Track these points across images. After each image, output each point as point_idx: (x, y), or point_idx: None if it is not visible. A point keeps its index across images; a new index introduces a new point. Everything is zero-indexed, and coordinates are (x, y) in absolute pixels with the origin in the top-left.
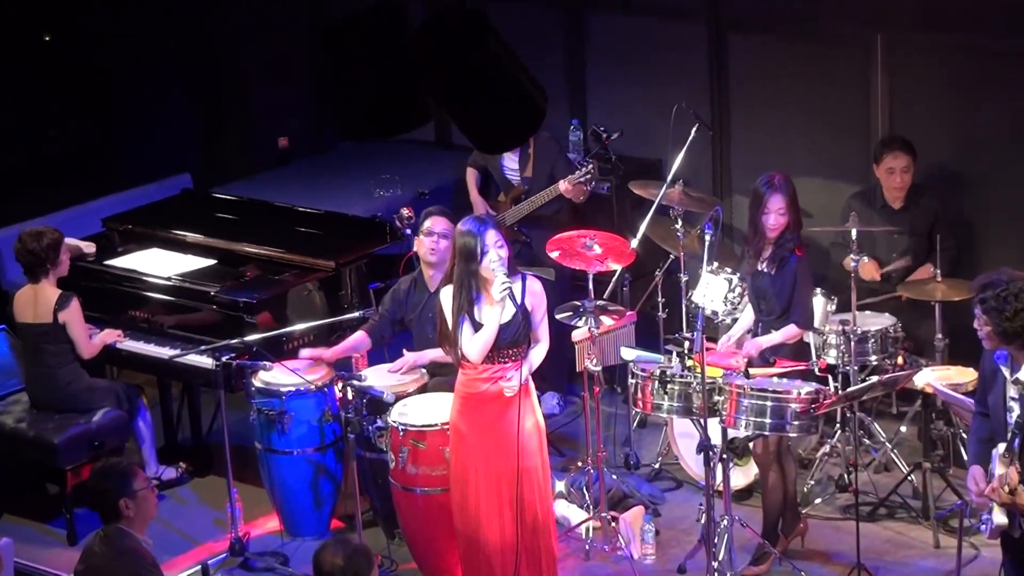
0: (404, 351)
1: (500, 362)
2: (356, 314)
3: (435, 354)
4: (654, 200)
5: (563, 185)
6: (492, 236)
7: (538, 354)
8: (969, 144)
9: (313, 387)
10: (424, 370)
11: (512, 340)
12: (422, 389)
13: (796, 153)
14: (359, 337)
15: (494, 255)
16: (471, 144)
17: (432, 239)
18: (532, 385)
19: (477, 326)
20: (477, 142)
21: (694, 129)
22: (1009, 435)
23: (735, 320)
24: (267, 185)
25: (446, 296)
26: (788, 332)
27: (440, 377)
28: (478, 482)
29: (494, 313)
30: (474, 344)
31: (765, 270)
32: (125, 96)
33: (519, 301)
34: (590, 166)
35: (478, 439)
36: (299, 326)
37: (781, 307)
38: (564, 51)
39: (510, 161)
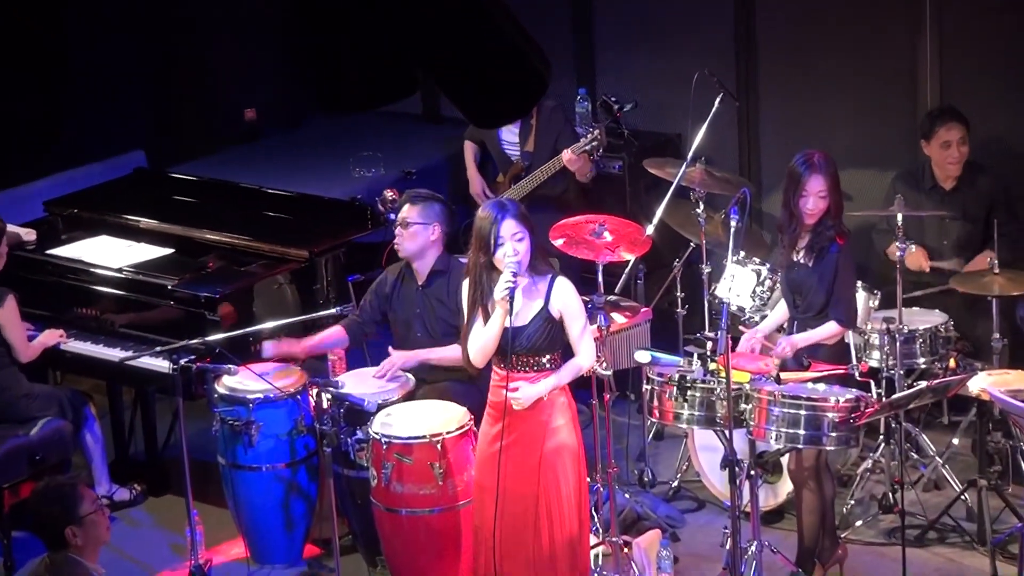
0: (390, 349)
1: (519, 371)
2: (333, 311)
3: (427, 355)
4: (672, 181)
5: (566, 155)
6: (510, 226)
7: (571, 367)
8: None
9: (284, 394)
10: (409, 375)
11: (530, 347)
12: (408, 396)
13: (834, 127)
14: (335, 332)
15: (509, 248)
16: (463, 118)
17: (397, 228)
18: (566, 400)
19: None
20: (470, 115)
21: (718, 100)
22: None
23: (764, 318)
24: (231, 163)
25: (465, 289)
26: (828, 331)
27: (430, 384)
28: (500, 500)
29: (498, 311)
30: (473, 343)
31: (802, 261)
32: (69, 63)
33: (538, 310)
34: (596, 131)
35: (502, 453)
36: (268, 324)
37: (820, 302)
38: (570, 10)
39: (509, 134)
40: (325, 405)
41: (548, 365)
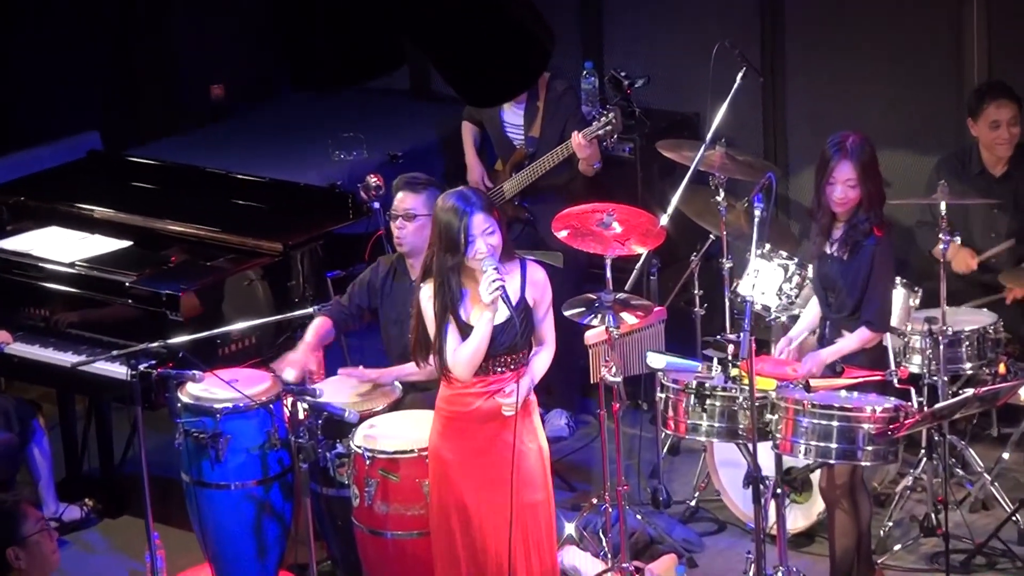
0: (361, 369)
1: (496, 373)
2: (310, 310)
3: (401, 371)
4: (689, 165)
5: (576, 138)
6: (480, 221)
7: (542, 361)
8: None
9: (255, 403)
10: (397, 383)
11: (511, 345)
12: (394, 406)
13: (869, 105)
14: (322, 325)
15: (482, 245)
16: (456, 95)
17: (397, 221)
18: (535, 401)
19: (465, 331)
20: (463, 92)
21: (740, 74)
22: None
23: (792, 319)
24: (196, 145)
25: (425, 294)
26: (860, 338)
27: (419, 392)
28: (467, 524)
29: (486, 315)
30: (462, 355)
31: (835, 253)
32: (14, 35)
33: (516, 300)
34: (611, 115)
35: (467, 470)
36: (238, 325)
37: (854, 301)
38: None
39: (513, 115)
40: (301, 415)
41: (524, 361)
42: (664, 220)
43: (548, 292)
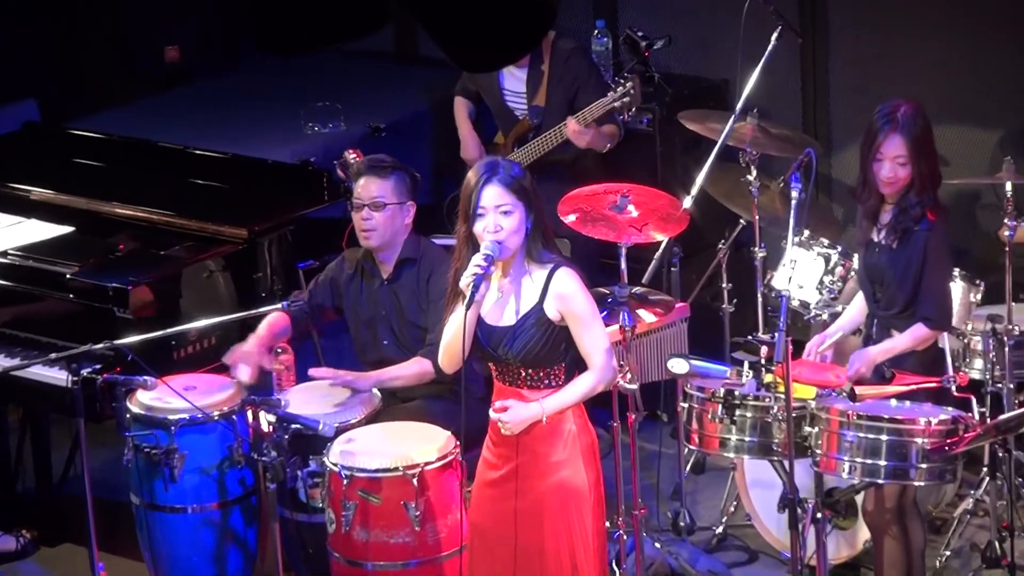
0: (335, 371)
1: (519, 385)
2: (279, 306)
3: (382, 376)
4: (716, 139)
5: (571, 124)
6: (495, 194)
7: (581, 385)
8: None
9: (215, 414)
10: (375, 391)
11: (524, 357)
12: (375, 417)
13: (924, 71)
14: (274, 321)
15: (490, 222)
16: (448, 60)
17: (363, 211)
18: (575, 428)
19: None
20: (455, 56)
21: (775, 35)
22: None
23: (835, 316)
24: (148, 116)
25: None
26: (913, 336)
27: (403, 401)
28: (495, 547)
29: (487, 302)
30: (443, 342)
31: (883, 241)
32: None
33: (529, 308)
34: (628, 84)
35: (499, 484)
36: (196, 324)
37: (905, 296)
38: None
39: (514, 82)
40: (267, 428)
41: (547, 381)
42: (687, 203)
43: (583, 307)
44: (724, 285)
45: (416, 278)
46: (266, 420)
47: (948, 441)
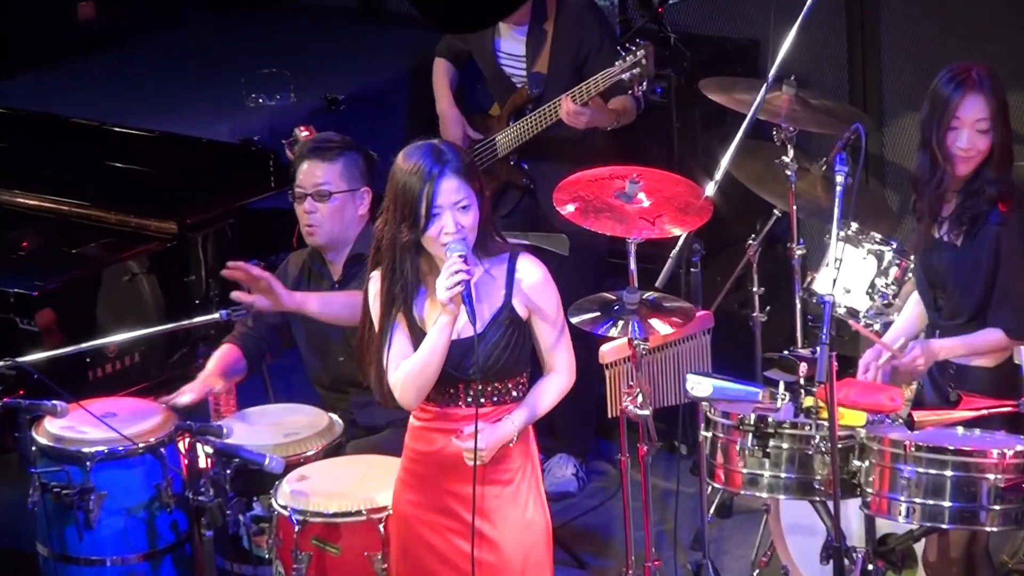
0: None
1: (469, 405)
2: (216, 315)
3: (319, 298)
4: (745, 113)
5: (566, 104)
6: (452, 189)
7: (548, 394)
8: None
9: (141, 446)
10: (335, 416)
11: (489, 368)
12: (333, 451)
13: (989, 33)
14: (224, 354)
15: (450, 222)
16: (420, 18)
17: (305, 202)
18: (534, 447)
19: (418, 336)
20: (429, 13)
21: None
22: None
23: (888, 327)
24: (58, 86)
25: (376, 284)
26: (989, 338)
27: (364, 433)
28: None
29: (442, 320)
30: (404, 370)
31: (946, 238)
32: None
33: (497, 308)
34: (640, 53)
35: (432, 529)
36: (116, 337)
37: (972, 302)
38: None
39: (511, 43)
40: (204, 463)
41: (516, 393)
42: (710, 189)
43: (551, 298)
44: (755, 289)
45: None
46: (203, 453)
47: None
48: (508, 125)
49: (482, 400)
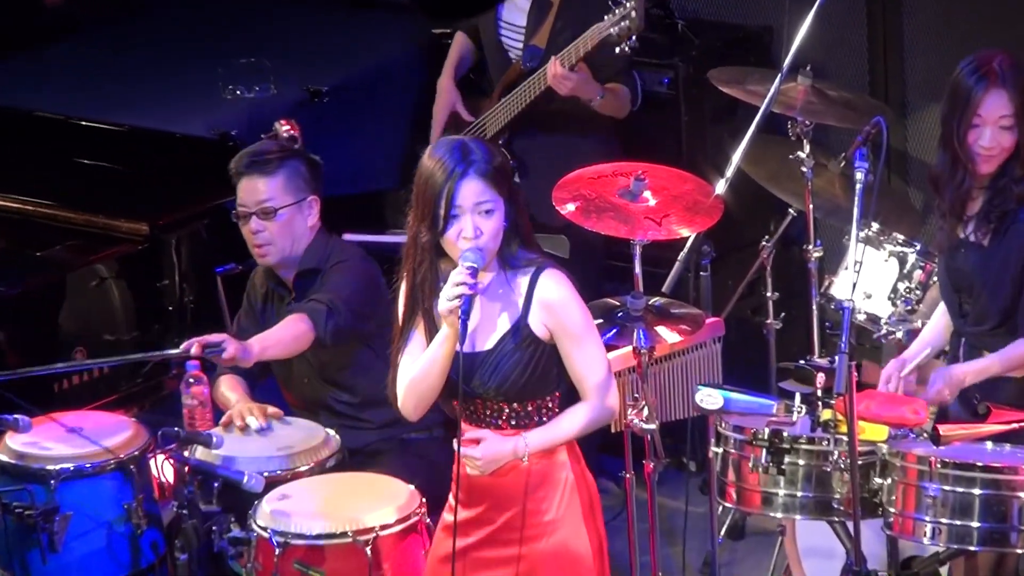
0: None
1: (489, 425)
2: (188, 353)
3: (266, 340)
4: (758, 105)
5: (553, 67)
6: (475, 191)
7: (574, 420)
8: None
9: (111, 462)
10: (331, 432)
11: (501, 388)
12: (318, 467)
13: (1020, 16)
14: (232, 385)
15: (468, 226)
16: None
17: (251, 222)
18: (572, 476)
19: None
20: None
21: None
22: None
23: (913, 335)
24: (19, 76)
25: (403, 286)
26: (1016, 353)
27: (355, 449)
28: None
29: (442, 332)
30: (404, 379)
31: (971, 238)
32: None
33: (513, 323)
34: (630, 5)
35: (472, 553)
36: (82, 363)
37: (1001, 308)
38: None
39: (514, 11)
40: (172, 478)
41: (540, 417)
42: (721, 187)
43: (575, 318)
44: (769, 294)
45: (320, 289)
46: (175, 469)
47: None
48: (498, 102)
49: (500, 421)
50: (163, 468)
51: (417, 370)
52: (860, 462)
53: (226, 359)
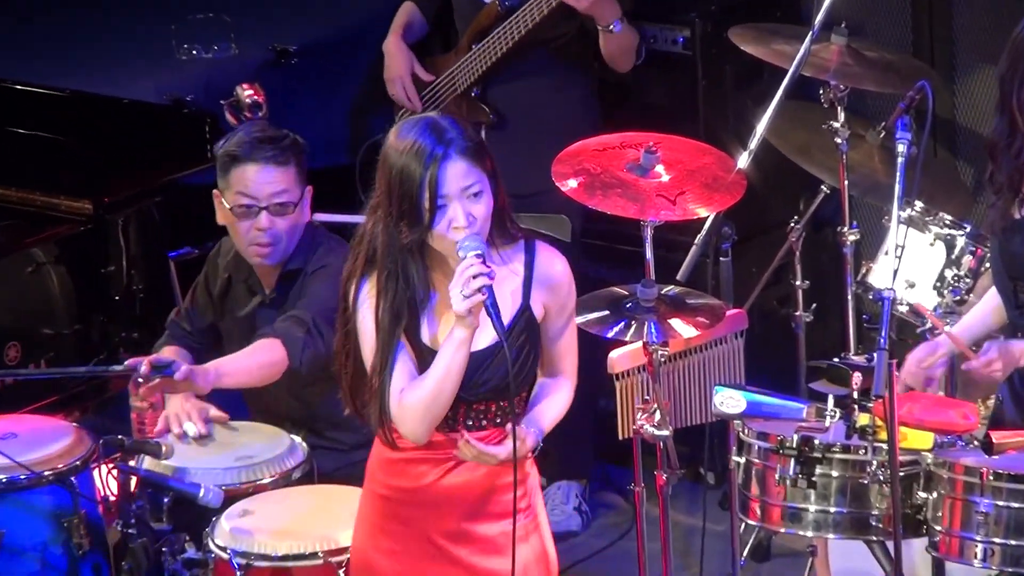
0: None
1: (466, 429)
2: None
3: (217, 367)
4: (785, 68)
5: None
6: (460, 173)
7: (556, 406)
8: None
9: (47, 474)
10: (298, 439)
11: (499, 386)
12: (283, 479)
13: None
14: (172, 353)
15: (460, 215)
16: None
17: (260, 217)
18: (535, 472)
19: (425, 357)
20: None
21: None
22: None
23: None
24: None
25: (367, 295)
26: None
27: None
28: None
29: (457, 335)
30: (413, 399)
31: None
32: None
33: (515, 310)
34: None
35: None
36: (22, 371)
37: None
38: None
39: None
40: (116, 489)
41: (517, 411)
42: (743, 161)
43: (571, 296)
44: (798, 283)
45: (302, 292)
46: (114, 482)
47: None
48: (469, 49)
49: (484, 422)
50: (108, 481)
51: (428, 387)
52: (902, 474)
53: (177, 382)
